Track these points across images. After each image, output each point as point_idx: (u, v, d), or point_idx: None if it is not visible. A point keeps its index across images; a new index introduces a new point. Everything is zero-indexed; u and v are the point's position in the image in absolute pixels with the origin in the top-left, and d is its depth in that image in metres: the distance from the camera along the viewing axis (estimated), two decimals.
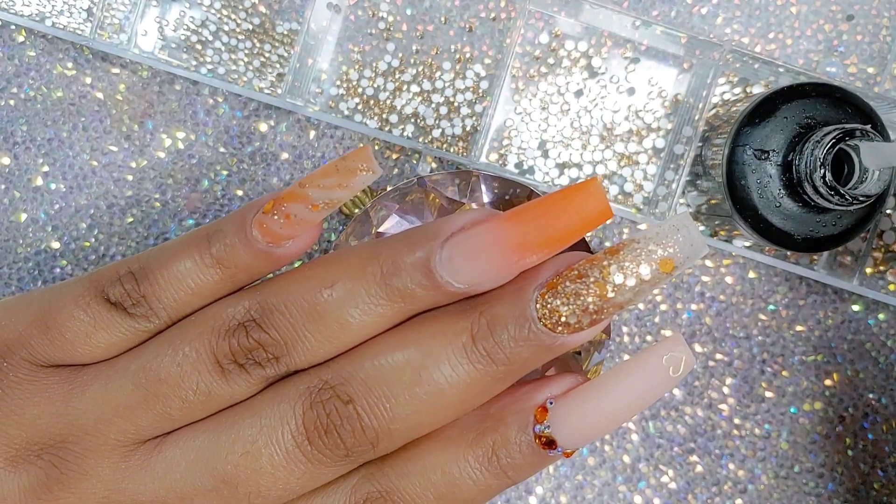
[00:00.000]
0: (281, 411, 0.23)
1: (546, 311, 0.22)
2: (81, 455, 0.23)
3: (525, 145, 0.37)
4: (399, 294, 0.23)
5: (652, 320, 0.38)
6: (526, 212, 0.22)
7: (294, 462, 0.23)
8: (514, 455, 0.23)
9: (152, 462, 0.23)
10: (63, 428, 0.24)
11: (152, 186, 0.37)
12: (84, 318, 0.24)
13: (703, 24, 0.37)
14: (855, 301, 0.38)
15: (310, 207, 0.23)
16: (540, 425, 0.23)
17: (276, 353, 0.23)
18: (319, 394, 0.23)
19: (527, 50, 0.37)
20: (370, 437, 0.22)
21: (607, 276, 0.22)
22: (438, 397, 0.22)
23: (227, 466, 0.23)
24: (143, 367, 0.23)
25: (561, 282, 0.22)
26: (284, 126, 0.37)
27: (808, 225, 0.32)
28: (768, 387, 0.38)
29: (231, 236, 0.24)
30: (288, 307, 0.23)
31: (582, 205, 0.22)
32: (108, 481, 0.23)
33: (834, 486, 0.37)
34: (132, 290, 0.24)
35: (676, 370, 0.22)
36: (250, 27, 0.36)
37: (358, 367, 0.23)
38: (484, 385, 0.23)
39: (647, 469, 0.37)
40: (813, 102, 0.32)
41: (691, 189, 0.36)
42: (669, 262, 0.22)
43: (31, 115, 0.37)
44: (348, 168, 0.23)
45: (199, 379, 0.23)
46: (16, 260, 0.37)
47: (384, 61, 0.36)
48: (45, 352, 0.24)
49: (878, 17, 0.37)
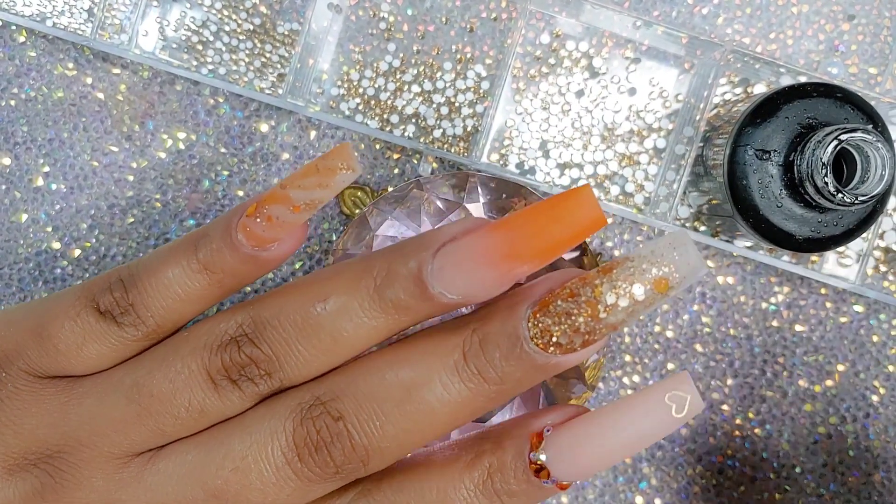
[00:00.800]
0: (271, 427, 0.23)
1: (538, 330, 0.21)
2: (76, 466, 0.23)
3: (526, 146, 0.37)
4: (392, 306, 0.22)
5: (652, 321, 0.38)
6: (515, 220, 0.21)
7: (284, 479, 0.22)
8: (509, 480, 0.22)
9: (145, 475, 0.23)
10: (59, 439, 0.24)
11: (153, 187, 0.37)
12: (76, 328, 0.24)
13: (704, 24, 0.37)
14: (856, 301, 0.38)
15: (291, 209, 0.23)
16: (535, 452, 0.22)
17: (269, 369, 0.23)
18: (310, 410, 0.22)
19: (528, 50, 0.37)
20: (360, 455, 0.22)
21: (599, 296, 0.21)
22: (429, 416, 0.22)
23: (216, 481, 0.23)
24: (136, 383, 0.23)
25: (553, 300, 0.21)
26: (285, 126, 0.37)
27: (809, 225, 0.32)
28: (769, 387, 0.38)
29: (217, 241, 0.24)
30: (281, 322, 0.23)
31: (573, 213, 0.21)
32: (101, 492, 0.23)
33: (835, 487, 0.37)
34: (121, 298, 0.24)
35: (680, 410, 0.21)
36: (251, 27, 0.36)
37: (350, 384, 0.22)
38: (475, 404, 0.22)
39: (648, 469, 0.37)
40: (814, 102, 0.32)
41: (692, 189, 0.36)
42: (664, 283, 0.21)
43: (31, 115, 0.37)
44: (328, 167, 0.23)
45: (191, 396, 0.23)
46: (16, 260, 0.37)
47: (385, 61, 0.36)
48: (41, 363, 0.24)
49: (880, 18, 0.37)
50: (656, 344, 0.37)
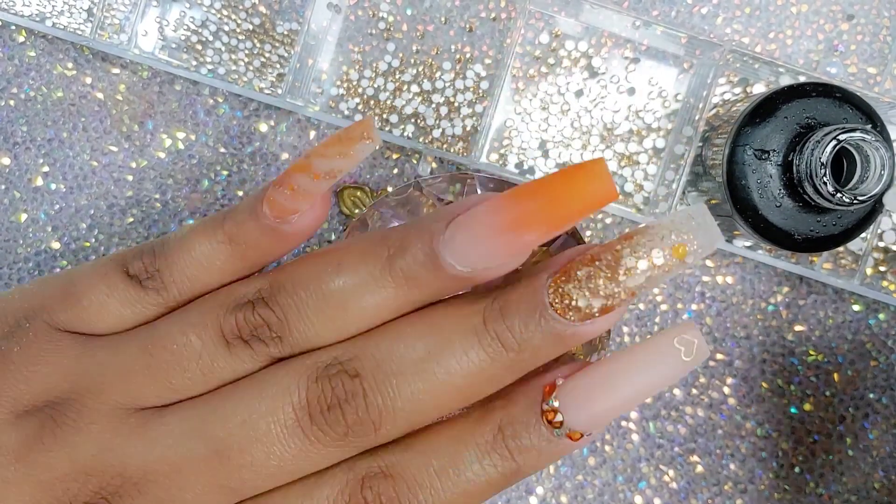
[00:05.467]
0: (285, 384, 0.23)
1: (557, 296, 0.22)
2: (79, 412, 0.23)
3: (525, 145, 0.37)
4: (403, 277, 0.22)
5: (652, 320, 0.38)
6: (527, 189, 0.22)
7: (291, 437, 0.22)
8: (521, 433, 0.23)
9: (146, 429, 0.23)
10: (68, 387, 0.24)
11: (152, 187, 0.37)
12: (101, 287, 0.25)
13: (703, 23, 0.37)
14: (855, 301, 0.38)
15: (312, 177, 0.23)
16: (547, 401, 0.23)
17: (279, 331, 0.23)
18: (327, 369, 0.23)
19: (527, 50, 0.37)
20: (373, 416, 0.22)
21: (619, 259, 0.21)
22: (446, 382, 0.22)
23: (219, 434, 0.23)
24: (151, 335, 0.24)
25: (573, 266, 0.22)
26: (285, 126, 0.37)
27: (808, 225, 0.32)
28: (769, 387, 0.38)
29: (243, 213, 0.24)
30: (294, 287, 0.23)
31: (586, 184, 0.21)
32: (99, 440, 0.23)
33: (836, 487, 0.37)
34: (149, 263, 0.25)
35: (689, 354, 0.22)
36: (250, 27, 0.36)
37: (368, 345, 0.23)
38: (492, 372, 0.22)
39: (647, 469, 0.37)
40: (813, 102, 0.32)
41: (692, 189, 0.36)
42: (682, 248, 0.21)
43: (31, 115, 0.37)
44: (350, 137, 0.23)
45: (203, 350, 0.23)
46: (16, 260, 0.37)
47: (384, 61, 0.36)
48: (64, 317, 0.25)
49: (879, 17, 0.37)
50: None
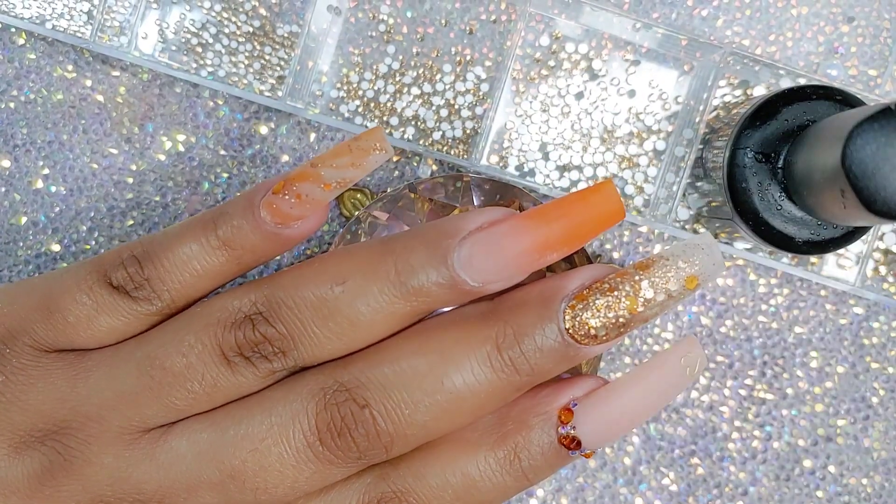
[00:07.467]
0: (293, 410, 0.23)
1: (575, 323, 0.22)
2: (85, 442, 0.23)
3: (526, 148, 0.37)
4: (414, 293, 0.22)
5: (652, 321, 0.38)
6: (548, 212, 0.23)
7: (304, 461, 0.22)
8: (536, 457, 0.23)
9: (157, 452, 0.23)
10: (67, 414, 0.23)
11: (152, 189, 0.37)
12: (87, 301, 0.24)
13: (703, 26, 0.37)
14: (856, 303, 0.38)
15: (322, 187, 0.23)
16: (565, 427, 0.23)
17: (283, 347, 0.23)
18: (334, 395, 0.22)
19: (527, 52, 0.37)
20: (384, 442, 0.22)
21: (639, 291, 0.22)
22: (457, 405, 0.22)
23: (234, 462, 0.23)
24: (148, 356, 0.23)
25: (591, 294, 0.22)
26: (285, 128, 0.37)
27: (809, 228, 0.32)
28: (769, 389, 0.38)
29: (238, 218, 0.24)
30: (296, 302, 0.23)
31: (599, 205, 0.22)
32: (111, 469, 0.23)
33: (835, 488, 0.37)
34: (135, 273, 0.24)
35: (692, 371, 0.23)
36: (250, 30, 0.36)
37: (376, 371, 0.23)
38: (504, 393, 0.23)
39: (647, 471, 0.37)
40: (814, 105, 0.32)
41: (692, 191, 0.36)
42: (694, 280, 0.22)
43: (31, 117, 0.37)
44: (361, 148, 0.23)
45: (204, 370, 0.23)
46: (16, 263, 0.37)
47: (384, 64, 0.36)
48: (49, 337, 0.24)
49: (879, 19, 0.37)
50: (656, 346, 0.37)
